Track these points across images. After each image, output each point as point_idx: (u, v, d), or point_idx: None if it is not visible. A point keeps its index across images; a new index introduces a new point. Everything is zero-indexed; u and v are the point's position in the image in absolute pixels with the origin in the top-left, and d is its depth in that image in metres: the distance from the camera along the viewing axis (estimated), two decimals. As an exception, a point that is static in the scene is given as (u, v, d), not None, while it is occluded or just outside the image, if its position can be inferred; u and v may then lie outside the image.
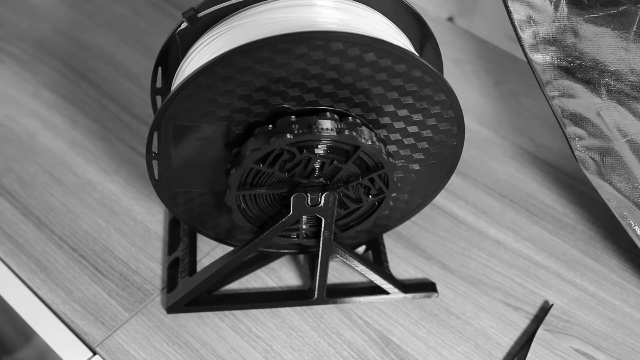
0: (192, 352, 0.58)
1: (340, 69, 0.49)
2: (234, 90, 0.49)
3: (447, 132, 0.54)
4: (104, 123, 0.75)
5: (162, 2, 0.90)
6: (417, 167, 0.56)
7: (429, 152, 0.55)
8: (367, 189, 0.55)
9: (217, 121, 0.51)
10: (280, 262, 0.64)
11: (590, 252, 0.67)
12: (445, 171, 0.57)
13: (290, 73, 0.49)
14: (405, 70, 0.49)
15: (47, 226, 0.66)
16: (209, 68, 0.48)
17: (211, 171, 0.54)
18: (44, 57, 0.82)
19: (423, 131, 0.54)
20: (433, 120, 0.53)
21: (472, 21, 0.72)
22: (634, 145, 0.58)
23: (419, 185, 0.58)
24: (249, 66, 0.48)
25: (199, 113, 0.50)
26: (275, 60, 0.48)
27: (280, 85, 0.49)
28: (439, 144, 0.55)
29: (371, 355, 0.59)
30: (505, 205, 0.70)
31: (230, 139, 0.52)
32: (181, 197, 0.55)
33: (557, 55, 0.57)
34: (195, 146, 0.52)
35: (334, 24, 0.50)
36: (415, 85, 0.50)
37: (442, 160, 0.56)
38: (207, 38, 0.53)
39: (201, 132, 0.51)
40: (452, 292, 0.63)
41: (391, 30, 0.54)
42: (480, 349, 0.59)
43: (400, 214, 0.61)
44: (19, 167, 0.71)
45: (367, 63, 0.49)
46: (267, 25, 0.50)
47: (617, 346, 0.60)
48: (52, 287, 0.61)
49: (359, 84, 0.50)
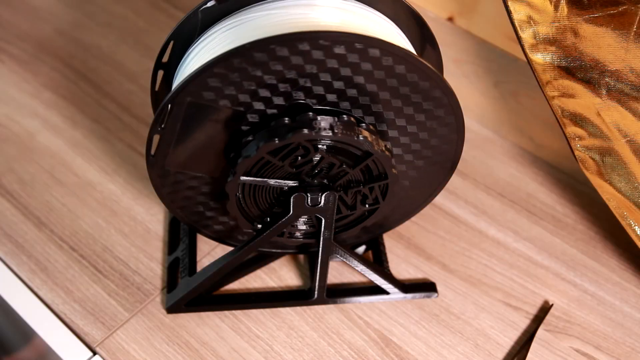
0: (192, 352, 0.58)
1: (368, 76, 0.49)
2: (262, 77, 0.48)
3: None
4: (104, 123, 0.75)
5: (162, 2, 0.90)
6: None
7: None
8: (364, 197, 0.55)
9: (235, 106, 0.50)
10: (280, 262, 0.64)
11: (590, 252, 0.67)
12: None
13: (321, 70, 0.48)
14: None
15: (47, 226, 0.66)
16: (246, 51, 0.46)
17: (212, 156, 0.53)
18: (44, 57, 0.82)
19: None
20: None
21: (472, 21, 0.71)
22: (634, 145, 0.58)
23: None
24: (285, 56, 0.47)
25: (220, 94, 0.49)
26: (312, 55, 0.47)
27: (307, 81, 0.49)
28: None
29: (371, 355, 0.59)
30: (505, 205, 0.70)
31: (241, 126, 0.51)
32: (171, 178, 0.54)
33: (557, 55, 0.57)
34: (205, 127, 0.51)
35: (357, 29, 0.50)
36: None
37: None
38: (233, 21, 0.52)
39: (215, 114, 0.50)
40: (452, 292, 0.63)
41: (399, 36, 0.54)
42: (480, 349, 0.59)
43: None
44: (19, 167, 0.71)
45: (395, 74, 0.49)
46: (303, 20, 0.50)
47: (617, 346, 0.60)
48: (52, 287, 0.61)
49: (380, 92, 0.50)
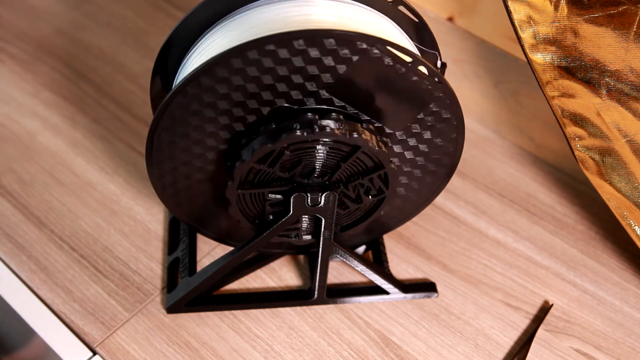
0: (192, 352, 0.58)
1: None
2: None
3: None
4: (104, 123, 0.75)
5: (162, 2, 0.90)
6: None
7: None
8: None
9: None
10: (280, 262, 0.64)
11: (590, 252, 0.67)
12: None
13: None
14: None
15: (47, 226, 0.66)
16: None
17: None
18: (44, 57, 0.82)
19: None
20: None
21: (472, 21, 0.71)
22: (634, 145, 0.58)
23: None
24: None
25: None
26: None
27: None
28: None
29: (371, 355, 0.59)
30: (505, 205, 0.70)
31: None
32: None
33: (557, 55, 0.57)
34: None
35: (336, 23, 0.50)
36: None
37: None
38: (230, 21, 0.52)
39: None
40: (452, 292, 0.63)
41: (394, 31, 0.54)
42: (480, 349, 0.59)
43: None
44: (19, 167, 0.71)
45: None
46: (299, 17, 0.50)
47: (617, 346, 0.60)
48: (52, 287, 0.61)
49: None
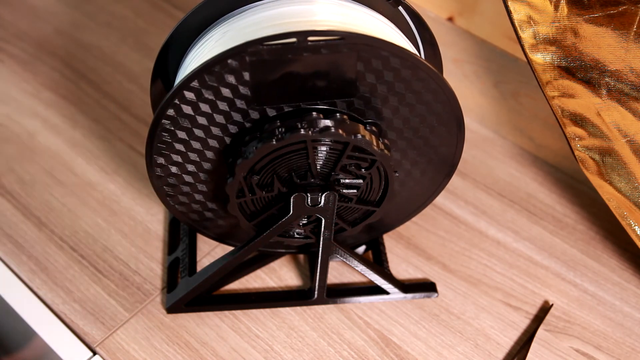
0: (192, 352, 0.58)
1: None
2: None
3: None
4: (104, 123, 0.75)
5: (162, 2, 0.90)
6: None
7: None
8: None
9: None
10: (280, 262, 0.64)
11: (590, 252, 0.67)
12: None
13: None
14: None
15: (47, 226, 0.66)
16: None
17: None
18: (44, 57, 0.82)
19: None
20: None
21: (472, 21, 0.71)
22: (634, 145, 0.58)
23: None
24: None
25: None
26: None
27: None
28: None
29: (371, 355, 0.59)
30: (505, 205, 0.70)
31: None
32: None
33: (557, 55, 0.57)
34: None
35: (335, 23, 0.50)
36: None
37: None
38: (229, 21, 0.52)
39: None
40: (452, 292, 0.63)
41: (391, 31, 0.54)
42: (480, 349, 0.59)
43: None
44: (19, 167, 0.71)
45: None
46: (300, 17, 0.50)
47: (617, 346, 0.60)
48: (52, 287, 0.61)
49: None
